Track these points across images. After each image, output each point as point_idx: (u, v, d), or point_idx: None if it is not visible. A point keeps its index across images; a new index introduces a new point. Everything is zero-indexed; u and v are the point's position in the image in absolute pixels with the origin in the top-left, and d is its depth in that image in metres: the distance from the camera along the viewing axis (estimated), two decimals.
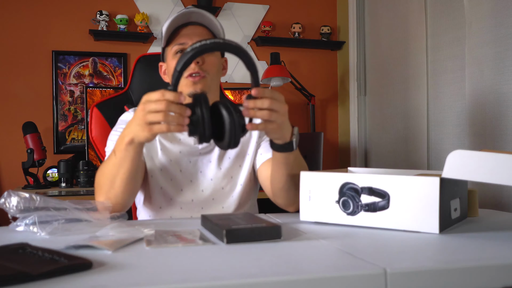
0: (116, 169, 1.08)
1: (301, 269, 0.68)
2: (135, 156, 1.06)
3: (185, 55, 0.93)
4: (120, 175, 1.08)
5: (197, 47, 0.92)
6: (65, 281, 0.61)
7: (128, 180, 1.09)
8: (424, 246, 0.83)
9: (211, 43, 0.92)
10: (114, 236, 0.87)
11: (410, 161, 2.67)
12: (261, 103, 0.95)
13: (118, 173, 1.08)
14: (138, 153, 1.07)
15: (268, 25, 3.26)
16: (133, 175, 1.10)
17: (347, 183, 0.99)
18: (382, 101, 3.05)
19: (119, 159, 1.07)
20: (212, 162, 1.31)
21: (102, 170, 1.12)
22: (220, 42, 0.93)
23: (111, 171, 1.09)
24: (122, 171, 1.08)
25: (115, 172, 1.09)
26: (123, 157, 1.06)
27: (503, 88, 1.92)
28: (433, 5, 2.49)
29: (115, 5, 3.05)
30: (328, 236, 0.90)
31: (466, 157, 0.88)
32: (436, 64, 2.46)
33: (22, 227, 0.93)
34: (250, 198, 1.35)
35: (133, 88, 1.62)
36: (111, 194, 1.10)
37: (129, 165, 1.07)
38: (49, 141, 2.89)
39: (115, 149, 1.07)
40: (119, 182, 1.09)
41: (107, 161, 1.12)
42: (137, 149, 1.05)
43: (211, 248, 0.81)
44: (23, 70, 2.90)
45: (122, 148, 1.05)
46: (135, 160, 1.07)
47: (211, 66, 1.27)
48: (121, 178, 1.09)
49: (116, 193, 1.10)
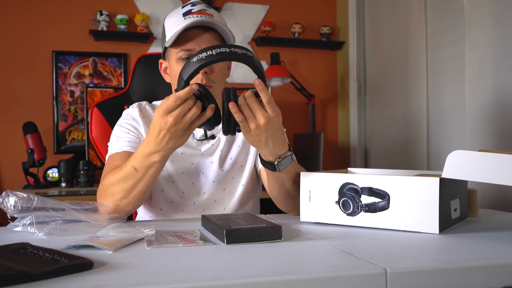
0: (135, 183, 1.06)
1: (302, 269, 0.68)
2: (158, 173, 1.06)
3: (191, 66, 0.93)
4: (138, 188, 1.07)
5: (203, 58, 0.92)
6: (66, 281, 0.61)
7: (145, 192, 1.09)
8: (424, 246, 0.83)
9: (217, 54, 0.92)
10: (115, 236, 0.87)
11: (410, 161, 2.67)
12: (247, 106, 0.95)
13: (136, 187, 1.07)
14: (161, 168, 1.07)
15: (268, 25, 3.26)
16: (150, 187, 1.10)
17: (347, 183, 0.99)
18: (382, 101, 3.05)
19: (141, 174, 1.05)
20: (214, 163, 1.30)
21: (114, 177, 1.09)
22: (226, 51, 0.92)
23: (129, 183, 1.07)
24: (141, 185, 1.07)
25: (133, 185, 1.06)
26: (145, 173, 1.05)
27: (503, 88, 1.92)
28: (433, 5, 2.49)
29: (115, 5, 3.05)
30: (328, 236, 0.90)
31: (466, 157, 0.88)
32: (436, 64, 2.46)
33: (20, 228, 0.93)
34: (251, 198, 1.35)
35: (133, 88, 1.62)
36: (123, 203, 1.08)
37: (151, 181, 1.07)
38: (49, 141, 2.89)
39: (136, 165, 1.05)
40: (136, 194, 1.08)
41: (122, 172, 1.08)
42: (162, 166, 1.06)
43: (212, 248, 0.81)
44: (24, 70, 2.90)
45: (146, 165, 1.03)
46: (157, 176, 1.07)
47: (219, 74, 1.23)
48: (139, 191, 1.08)
49: (129, 203, 1.09)
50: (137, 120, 1.29)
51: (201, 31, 1.21)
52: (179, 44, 1.21)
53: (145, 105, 1.34)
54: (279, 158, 1.04)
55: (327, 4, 3.46)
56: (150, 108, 1.33)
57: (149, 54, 1.65)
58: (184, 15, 1.20)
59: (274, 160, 1.04)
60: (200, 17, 1.18)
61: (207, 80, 1.19)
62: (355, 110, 3.32)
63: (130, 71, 2.63)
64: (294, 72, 3.29)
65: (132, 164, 1.05)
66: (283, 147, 1.03)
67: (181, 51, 1.21)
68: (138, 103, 1.34)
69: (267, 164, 1.06)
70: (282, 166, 1.04)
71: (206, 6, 1.24)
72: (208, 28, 1.22)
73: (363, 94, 3.30)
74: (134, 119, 1.29)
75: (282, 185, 1.12)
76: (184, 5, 1.23)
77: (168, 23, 1.23)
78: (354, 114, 3.33)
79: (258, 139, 0.99)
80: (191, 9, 1.21)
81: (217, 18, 1.22)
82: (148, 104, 1.35)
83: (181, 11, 1.22)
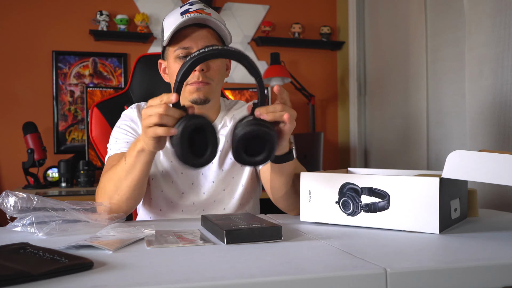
0: (124, 175, 1.07)
1: (302, 269, 0.68)
2: (144, 165, 1.05)
3: (184, 65, 0.91)
4: (127, 182, 1.07)
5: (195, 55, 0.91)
6: (66, 281, 0.61)
7: (134, 187, 1.08)
8: (424, 246, 0.83)
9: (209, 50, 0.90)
10: (115, 236, 0.87)
11: (410, 161, 2.67)
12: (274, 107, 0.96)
13: (125, 179, 1.07)
14: (148, 162, 1.05)
15: (268, 25, 3.26)
16: (140, 184, 1.09)
17: (347, 183, 0.99)
18: (382, 101, 3.05)
19: (128, 165, 1.05)
20: (213, 163, 1.30)
21: (109, 174, 1.11)
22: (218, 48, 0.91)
23: (119, 176, 1.08)
24: (129, 178, 1.07)
25: (122, 178, 1.07)
26: (133, 164, 1.05)
27: (503, 88, 1.92)
28: (433, 5, 2.49)
29: (115, 5, 3.05)
30: (328, 236, 0.90)
31: (466, 157, 0.88)
32: (436, 64, 2.46)
33: (19, 228, 0.93)
34: (251, 198, 1.35)
35: (133, 88, 1.62)
36: (115, 200, 1.09)
37: (138, 173, 1.06)
38: (49, 141, 2.89)
39: (126, 154, 1.06)
40: (125, 189, 1.08)
41: (116, 166, 1.10)
42: (147, 158, 1.04)
43: (212, 248, 0.81)
44: (24, 70, 2.90)
45: (133, 155, 1.04)
46: (144, 169, 1.06)
47: (216, 72, 1.23)
48: (128, 185, 1.08)
49: (121, 199, 1.09)
50: (135, 121, 1.29)
51: (198, 29, 1.21)
52: (176, 42, 1.21)
53: (143, 106, 1.33)
54: (291, 143, 1.06)
55: (327, 4, 3.46)
56: None
57: (149, 54, 1.65)
58: (181, 14, 1.20)
59: (290, 148, 1.05)
60: (196, 15, 1.19)
61: (204, 77, 1.19)
62: (355, 110, 3.32)
63: (130, 71, 2.63)
64: (294, 72, 3.29)
65: (125, 155, 1.07)
66: None
67: (178, 49, 1.21)
68: (137, 104, 1.34)
69: (285, 156, 1.04)
70: (294, 148, 1.06)
71: (204, 5, 1.24)
72: (205, 26, 1.22)
73: (363, 94, 3.30)
74: (132, 120, 1.29)
75: (287, 176, 1.12)
76: (183, 5, 1.24)
77: (166, 23, 1.23)
78: (354, 114, 3.33)
79: (289, 134, 1.00)
80: (189, 8, 1.21)
81: (214, 16, 1.22)
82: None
83: (179, 10, 1.22)
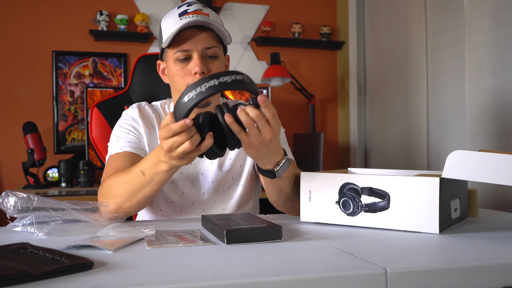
0: (140, 187, 1.05)
1: (302, 269, 0.68)
2: (165, 180, 1.05)
3: (182, 106, 0.88)
4: (143, 193, 1.06)
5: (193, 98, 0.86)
6: (66, 280, 0.61)
7: (149, 198, 1.08)
8: (424, 246, 0.83)
9: (206, 90, 0.86)
10: (115, 236, 0.87)
11: (410, 161, 2.67)
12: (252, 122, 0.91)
13: (141, 191, 1.06)
14: (169, 177, 1.05)
15: (268, 25, 3.26)
16: (154, 195, 1.09)
17: (347, 183, 0.99)
18: (382, 101, 3.05)
19: (148, 179, 1.04)
20: (213, 164, 1.30)
21: (119, 179, 1.08)
22: (215, 84, 0.86)
23: (135, 187, 1.06)
24: (147, 190, 1.06)
25: (138, 189, 1.06)
26: (152, 179, 1.03)
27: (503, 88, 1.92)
28: (433, 5, 2.49)
29: (115, 5, 3.05)
30: (328, 236, 0.90)
31: (466, 157, 0.88)
32: (436, 64, 2.46)
33: (19, 228, 0.93)
34: (251, 198, 1.35)
35: (133, 88, 1.62)
36: (126, 205, 1.08)
37: (157, 187, 1.06)
38: (49, 141, 2.89)
39: (144, 169, 1.03)
40: (140, 198, 1.07)
41: (128, 175, 1.07)
42: (171, 174, 1.04)
43: (212, 248, 0.81)
44: (24, 70, 2.90)
45: (154, 172, 1.02)
46: (163, 183, 1.06)
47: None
48: (144, 195, 1.07)
49: (132, 206, 1.08)
50: (136, 120, 1.29)
51: (198, 31, 1.19)
52: (175, 45, 1.19)
53: (144, 106, 1.33)
54: (277, 164, 1.03)
55: (327, 4, 3.46)
56: (149, 108, 1.33)
57: (149, 54, 1.65)
58: (180, 15, 1.19)
59: (273, 167, 1.03)
60: (196, 17, 1.17)
61: None
62: (355, 110, 3.32)
63: (130, 71, 2.63)
64: (294, 72, 3.29)
65: (141, 168, 1.04)
66: (280, 153, 1.03)
67: (178, 51, 1.19)
68: (138, 104, 1.33)
69: (267, 172, 1.05)
70: (281, 172, 1.04)
71: (202, 6, 1.23)
72: (204, 28, 1.21)
73: (363, 94, 3.30)
74: (134, 120, 1.29)
75: (281, 191, 1.12)
76: (180, 5, 1.22)
77: (164, 23, 1.22)
78: (354, 114, 3.33)
79: (259, 152, 0.97)
80: (187, 9, 1.20)
81: (213, 17, 1.20)
82: (148, 105, 1.34)
83: (177, 11, 1.21)
